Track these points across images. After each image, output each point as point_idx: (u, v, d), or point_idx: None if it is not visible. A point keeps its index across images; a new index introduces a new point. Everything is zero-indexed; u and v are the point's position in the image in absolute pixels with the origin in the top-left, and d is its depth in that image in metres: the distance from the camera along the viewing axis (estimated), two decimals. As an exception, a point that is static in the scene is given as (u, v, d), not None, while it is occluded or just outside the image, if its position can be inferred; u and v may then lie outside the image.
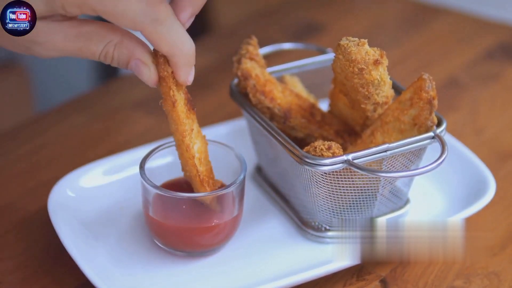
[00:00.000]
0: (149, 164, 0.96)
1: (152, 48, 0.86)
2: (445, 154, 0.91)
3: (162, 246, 0.96)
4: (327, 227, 0.98)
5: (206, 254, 0.96)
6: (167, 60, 0.85)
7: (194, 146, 0.91)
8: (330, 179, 0.92)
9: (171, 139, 0.96)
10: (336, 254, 0.95)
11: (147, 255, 0.96)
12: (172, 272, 0.94)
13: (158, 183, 0.95)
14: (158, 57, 0.85)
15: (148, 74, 0.85)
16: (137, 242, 0.98)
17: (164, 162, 0.99)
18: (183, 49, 0.84)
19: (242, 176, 0.94)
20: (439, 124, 0.95)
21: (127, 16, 0.80)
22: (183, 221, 0.94)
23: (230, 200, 0.94)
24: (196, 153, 0.91)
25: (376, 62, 0.91)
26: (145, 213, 0.95)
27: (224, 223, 0.94)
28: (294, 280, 0.91)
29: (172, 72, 0.86)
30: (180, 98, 0.88)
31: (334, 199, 0.95)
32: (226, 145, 0.99)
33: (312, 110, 1.00)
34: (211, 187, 0.93)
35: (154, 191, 0.93)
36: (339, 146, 0.92)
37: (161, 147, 0.98)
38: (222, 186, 0.95)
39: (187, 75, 0.87)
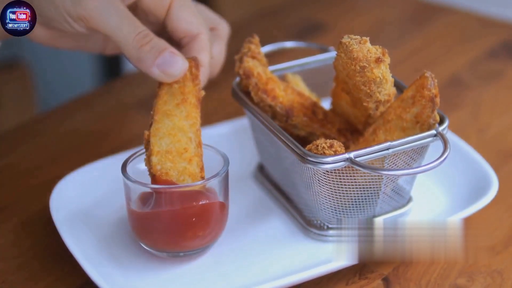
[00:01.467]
0: (135, 166, 0.95)
1: None
2: (447, 152, 0.91)
3: (148, 249, 0.95)
4: (329, 226, 0.98)
5: (197, 253, 0.96)
6: (198, 65, 0.96)
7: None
8: (332, 178, 0.92)
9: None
10: (339, 253, 0.95)
11: (151, 254, 0.96)
12: (177, 272, 0.94)
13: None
14: (190, 61, 0.95)
15: (181, 63, 0.93)
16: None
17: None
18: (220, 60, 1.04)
19: (224, 170, 0.93)
20: (441, 122, 0.95)
21: (197, 23, 0.98)
22: (166, 216, 0.92)
23: (213, 195, 0.93)
24: None
25: (378, 60, 0.91)
26: (129, 214, 0.95)
27: (211, 214, 0.94)
28: (296, 279, 0.91)
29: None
30: None
31: (337, 198, 0.95)
32: (207, 145, 0.97)
33: (314, 108, 1.00)
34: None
35: (135, 187, 0.92)
36: (341, 144, 0.92)
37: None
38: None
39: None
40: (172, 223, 0.93)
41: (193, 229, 0.93)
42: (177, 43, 0.99)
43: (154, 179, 0.91)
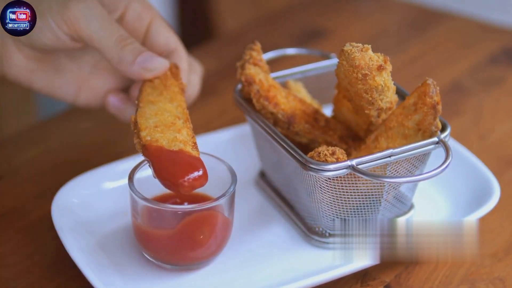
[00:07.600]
0: (142, 174, 0.95)
1: None
2: (450, 159, 0.91)
3: (151, 259, 0.95)
4: (331, 233, 0.98)
5: (199, 267, 0.96)
6: (177, 66, 1.02)
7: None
8: (334, 185, 0.92)
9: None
10: (340, 260, 0.95)
11: (152, 261, 0.96)
12: (179, 279, 0.94)
13: (152, 194, 0.94)
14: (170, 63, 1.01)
15: (162, 60, 0.98)
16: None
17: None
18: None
19: (232, 188, 0.93)
20: (443, 129, 0.95)
21: (175, 39, 1.04)
22: (172, 233, 0.92)
23: (219, 211, 0.93)
24: None
25: (380, 68, 0.91)
26: (134, 225, 0.95)
27: (214, 235, 0.94)
28: (298, 286, 0.91)
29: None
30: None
31: (338, 205, 0.95)
32: (217, 157, 0.97)
33: (316, 115, 1.00)
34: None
35: (142, 203, 0.92)
36: (343, 151, 0.92)
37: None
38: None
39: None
40: (178, 241, 0.92)
41: (199, 246, 0.93)
42: None
43: (145, 148, 0.88)
